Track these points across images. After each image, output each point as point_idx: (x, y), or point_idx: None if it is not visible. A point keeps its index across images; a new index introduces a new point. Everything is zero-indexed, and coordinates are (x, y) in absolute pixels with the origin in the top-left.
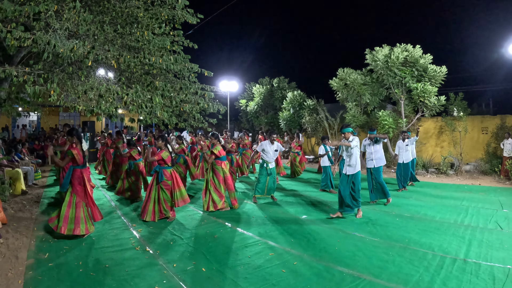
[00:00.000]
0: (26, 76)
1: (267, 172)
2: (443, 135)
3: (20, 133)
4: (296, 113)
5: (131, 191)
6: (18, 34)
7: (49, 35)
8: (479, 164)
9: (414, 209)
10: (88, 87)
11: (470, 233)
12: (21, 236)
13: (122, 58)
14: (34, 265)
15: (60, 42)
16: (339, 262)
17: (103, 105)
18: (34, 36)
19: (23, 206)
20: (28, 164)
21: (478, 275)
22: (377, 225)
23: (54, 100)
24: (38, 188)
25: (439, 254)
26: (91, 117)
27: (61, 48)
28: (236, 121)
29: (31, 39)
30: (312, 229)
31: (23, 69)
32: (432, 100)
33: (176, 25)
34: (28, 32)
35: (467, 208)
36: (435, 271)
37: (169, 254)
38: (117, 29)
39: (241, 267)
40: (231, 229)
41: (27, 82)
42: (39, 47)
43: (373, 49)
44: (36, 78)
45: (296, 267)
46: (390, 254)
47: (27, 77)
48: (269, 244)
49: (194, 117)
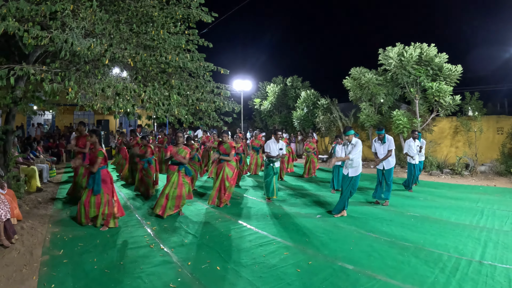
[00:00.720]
0: (44, 74)
1: (273, 172)
2: (458, 135)
3: (35, 132)
4: (309, 112)
5: (145, 186)
6: (36, 33)
7: (66, 33)
8: (494, 165)
9: (429, 210)
10: (105, 85)
11: (485, 235)
12: (36, 232)
13: (138, 56)
14: (48, 262)
15: (77, 41)
16: (354, 262)
17: (120, 103)
18: (51, 35)
19: (38, 203)
20: (43, 161)
21: (494, 277)
22: (392, 225)
23: (71, 98)
24: (53, 186)
25: (455, 256)
26: (106, 116)
27: (79, 47)
28: (249, 120)
29: (48, 37)
30: (327, 229)
31: (40, 67)
32: (447, 99)
33: (191, 24)
34: (45, 31)
35: (483, 210)
36: (451, 273)
37: (184, 252)
38: (133, 28)
39: (256, 266)
40: (245, 227)
41: (45, 80)
42: (56, 45)
43: (385, 48)
44: (54, 77)
45: (311, 267)
46: (405, 255)
47: (44, 75)
48: (283, 243)
49: (209, 116)
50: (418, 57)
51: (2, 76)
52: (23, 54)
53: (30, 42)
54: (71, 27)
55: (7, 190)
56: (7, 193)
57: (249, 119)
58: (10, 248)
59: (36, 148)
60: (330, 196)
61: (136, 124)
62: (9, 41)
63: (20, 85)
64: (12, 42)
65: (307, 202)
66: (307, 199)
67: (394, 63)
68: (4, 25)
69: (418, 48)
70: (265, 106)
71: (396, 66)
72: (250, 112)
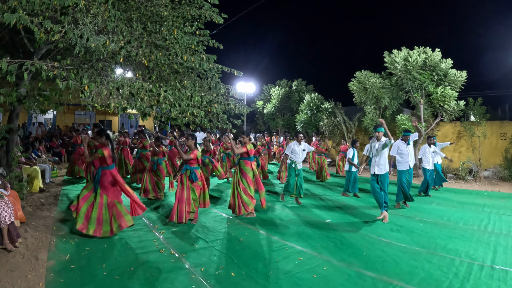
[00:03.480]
0: (57, 71)
1: (295, 173)
2: (461, 140)
3: (36, 131)
4: (313, 115)
5: (155, 191)
6: (49, 26)
7: (80, 29)
8: (498, 171)
9: (437, 214)
10: (120, 84)
11: (494, 240)
12: (40, 235)
13: (153, 55)
14: (55, 267)
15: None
16: (369, 268)
17: (138, 102)
18: (65, 29)
19: (41, 204)
20: (45, 161)
21: (507, 281)
22: (402, 230)
23: (86, 95)
24: (55, 186)
25: (467, 261)
26: (108, 116)
27: (93, 43)
28: (252, 122)
29: (62, 32)
30: (338, 233)
31: (52, 63)
32: (451, 104)
33: (200, 25)
34: (58, 25)
35: (489, 215)
36: (464, 278)
37: (195, 257)
38: (147, 26)
39: (271, 272)
40: (256, 232)
41: (57, 77)
42: (69, 41)
43: (391, 52)
44: (66, 74)
45: (327, 272)
46: (419, 260)
47: (57, 71)
48: (296, 249)
49: (218, 118)
50: (423, 62)
51: (12, 71)
52: (28, 52)
53: (42, 37)
54: (84, 23)
55: (10, 191)
56: (10, 194)
57: (252, 121)
58: (14, 252)
59: (38, 148)
60: (339, 200)
61: (137, 125)
62: (14, 37)
63: (24, 83)
64: (17, 39)
65: (316, 205)
66: (316, 202)
67: (399, 67)
68: (16, 17)
69: (423, 53)
70: (268, 109)
71: (402, 71)
72: (252, 114)
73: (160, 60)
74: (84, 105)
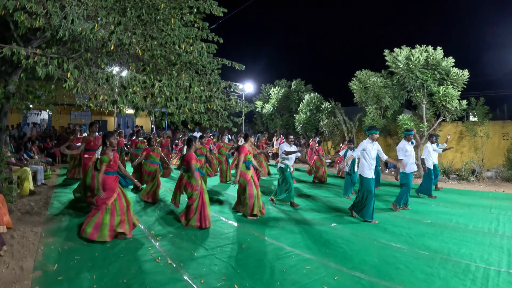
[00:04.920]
0: (37, 58)
1: (291, 177)
2: (463, 140)
3: (30, 131)
4: (312, 116)
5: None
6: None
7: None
8: (501, 171)
9: (445, 217)
10: (111, 74)
11: (507, 243)
12: (27, 242)
13: (148, 43)
14: (41, 279)
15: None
16: (383, 276)
17: (129, 93)
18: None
19: (31, 208)
20: (37, 163)
21: None
22: (411, 234)
23: (70, 86)
24: (47, 189)
25: (482, 266)
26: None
27: (80, 27)
28: (250, 123)
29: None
30: (345, 238)
31: (33, 50)
32: (454, 104)
33: (198, 18)
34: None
35: (498, 216)
36: (483, 284)
37: (195, 267)
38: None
39: (277, 284)
40: (258, 238)
41: (38, 63)
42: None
43: (392, 50)
44: (49, 61)
45: (338, 283)
46: (433, 266)
47: (38, 58)
48: (303, 256)
49: (217, 115)
50: (425, 61)
51: None
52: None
53: (23, 21)
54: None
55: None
56: None
57: (250, 122)
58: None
59: (30, 148)
60: (342, 202)
61: (133, 125)
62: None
63: (13, 79)
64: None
65: (319, 208)
66: (319, 205)
67: (401, 66)
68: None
69: (425, 52)
70: (267, 109)
71: (404, 70)
72: (251, 114)
73: (155, 50)
74: (79, 105)
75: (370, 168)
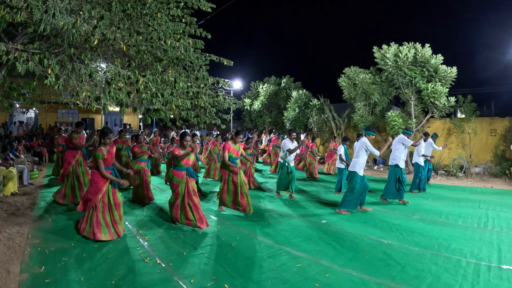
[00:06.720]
0: (18, 53)
1: (288, 171)
2: (451, 137)
3: (17, 130)
4: (301, 112)
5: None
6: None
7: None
8: (489, 167)
9: (434, 212)
10: (94, 70)
11: (496, 238)
12: (14, 245)
13: (133, 39)
14: (28, 281)
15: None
16: (373, 273)
17: (112, 90)
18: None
19: (17, 209)
20: (24, 162)
21: None
22: (401, 230)
23: (52, 82)
24: (34, 189)
25: (473, 261)
26: (91, 114)
27: (62, 21)
28: (238, 120)
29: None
30: (336, 235)
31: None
32: (442, 101)
33: (185, 14)
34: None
35: (487, 212)
36: (474, 280)
37: (184, 267)
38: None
39: (268, 282)
40: (248, 235)
41: (18, 59)
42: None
43: (381, 47)
44: (31, 57)
45: (330, 280)
46: (424, 262)
47: (18, 54)
48: (293, 254)
49: (206, 112)
50: (414, 58)
51: None
52: None
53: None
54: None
55: None
56: None
57: (239, 119)
58: None
59: (16, 148)
60: (333, 199)
61: (121, 123)
62: None
63: None
64: None
65: (310, 205)
66: (310, 201)
67: (390, 63)
68: None
69: (413, 49)
70: (255, 106)
71: (392, 66)
72: (239, 112)
73: (141, 45)
74: (66, 103)
75: (362, 167)
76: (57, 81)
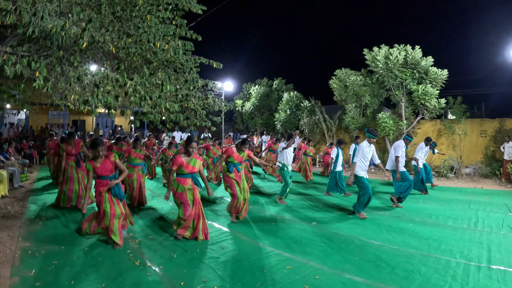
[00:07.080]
0: (6, 56)
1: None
2: (441, 138)
3: (7, 132)
4: (292, 114)
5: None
6: None
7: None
8: (479, 167)
9: (425, 213)
10: (82, 73)
11: (486, 238)
12: (4, 247)
13: (122, 41)
14: (18, 285)
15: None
16: (363, 274)
17: (100, 93)
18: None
19: (8, 211)
20: (14, 164)
21: (506, 282)
22: (391, 231)
23: (40, 85)
24: (24, 191)
25: (462, 262)
26: (82, 116)
27: (51, 24)
28: (230, 122)
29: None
30: (326, 237)
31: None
32: (432, 102)
33: (177, 17)
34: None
35: (477, 212)
36: (463, 280)
37: (174, 269)
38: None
39: (258, 284)
40: (238, 238)
41: (7, 62)
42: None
43: (372, 49)
44: (19, 59)
45: (319, 282)
46: (414, 263)
47: (6, 56)
48: (283, 256)
49: (196, 114)
50: (404, 60)
51: None
52: None
53: None
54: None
55: None
56: None
57: (230, 120)
58: None
59: (7, 150)
60: (324, 200)
61: (113, 125)
62: None
63: None
64: None
65: (301, 206)
66: (301, 203)
67: (381, 65)
68: None
69: (403, 51)
70: (247, 108)
71: (383, 69)
72: (231, 114)
73: (130, 48)
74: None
75: (363, 169)
76: (46, 84)
